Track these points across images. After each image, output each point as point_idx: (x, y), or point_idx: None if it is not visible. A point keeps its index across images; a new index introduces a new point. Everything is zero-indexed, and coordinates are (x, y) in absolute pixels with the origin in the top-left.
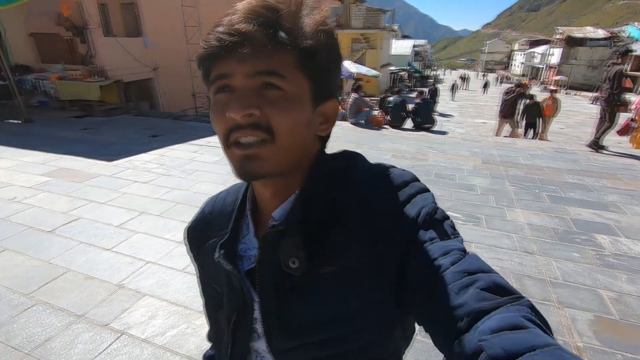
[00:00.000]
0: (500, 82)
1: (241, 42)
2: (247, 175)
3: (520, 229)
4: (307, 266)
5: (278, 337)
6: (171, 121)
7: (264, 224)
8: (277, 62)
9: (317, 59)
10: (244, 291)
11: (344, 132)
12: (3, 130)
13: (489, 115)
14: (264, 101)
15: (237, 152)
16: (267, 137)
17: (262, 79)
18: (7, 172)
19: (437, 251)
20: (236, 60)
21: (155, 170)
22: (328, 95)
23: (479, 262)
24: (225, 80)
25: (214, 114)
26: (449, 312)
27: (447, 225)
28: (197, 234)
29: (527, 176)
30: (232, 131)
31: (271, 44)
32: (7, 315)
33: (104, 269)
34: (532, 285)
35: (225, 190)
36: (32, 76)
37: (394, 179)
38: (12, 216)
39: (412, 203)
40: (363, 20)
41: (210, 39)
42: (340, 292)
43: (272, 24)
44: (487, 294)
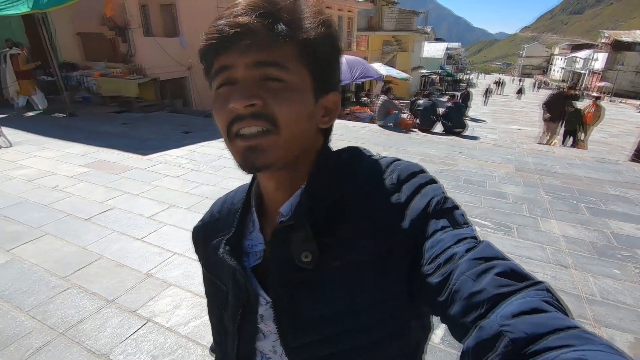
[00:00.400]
0: (538, 88)
1: (242, 33)
2: (250, 166)
3: (555, 240)
4: (318, 260)
5: (291, 333)
6: (203, 118)
7: (270, 219)
8: (278, 54)
9: (318, 51)
10: (248, 288)
11: (372, 134)
12: (50, 123)
13: (524, 121)
14: (266, 92)
15: (240, 144)
16: (270, 127)
17: (264, 70)
18: (52, 162)
19: (450, 239)
20: (237, 51)
21: (185, 165)
22: (329, 87)
23: (494, 250)
24: (227, 73)
25: (215, 106)
26: (467, 299)
27: (457, 214)
28: (203, 233)
29: (564, 186)
30: (233, 122)
31: (271, 35)
32: (45, 295)
33: (134, 257)
34: (567, 302)
35: (234, 190)
36: (77, 73)
37: (401, 171)
38: (54, 203)
39: (422, 193)
40: (395, 23)
41: (212, 31)
42: (350, 285)
43: (272, 16)
44: (505, 280)
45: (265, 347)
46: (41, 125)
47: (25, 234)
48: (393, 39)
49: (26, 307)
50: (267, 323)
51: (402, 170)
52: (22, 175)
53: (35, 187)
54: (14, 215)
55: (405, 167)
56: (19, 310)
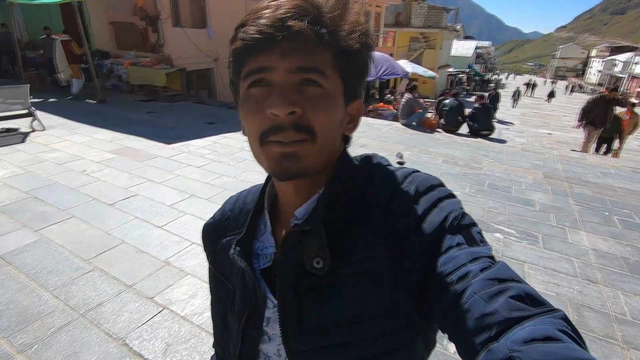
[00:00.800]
0: (571, 91)
1: (286, 36)
2: (285, 174)
3: (584, 253)
4: (330, 267)
5: (295, 338)
6: (226, 110)
7: (283, 222)
8: (318, 60)
9: (354, 60)
10: (256, 290)
11: (394, 133)
12: (82, 108)
13: (555, 126)
14: (304, 98)
15: (275, 150)
16: (308, 137)
17: (303, 75)
18: (81, 147)
19: (465, 257)
20: (279, 55)
21: (207, 155)
22: (356, 95)
23: (510, 271)
24: (263, 74)
25: (247, 108)
26: (477, 320)
27: (475, 232)
28: (213, 230)
29: (596, 196)
30: (270, 132)
31: (315, 41)
32: (68, 277)
33: (154, 244)
34: (594, 319)
35: (247, 189)
36: (109, 61)
37: (419, 183)
38: (81, 187)
39: (440, 207)
40: (424, 19)
41: (251, 30)
42: (360, 294)
43: (317, 20)
44: (519, 303)
45: (269, 349)
46: (73, 110)
47: (53, 215)
48: (421, 35)
49: (50, 286)
50: (273, 326)
51: (420, 182)
52: (53, 158)
53: (65, 170)
54: (44, 197)
55: (424, 180)
56: (44, 289)
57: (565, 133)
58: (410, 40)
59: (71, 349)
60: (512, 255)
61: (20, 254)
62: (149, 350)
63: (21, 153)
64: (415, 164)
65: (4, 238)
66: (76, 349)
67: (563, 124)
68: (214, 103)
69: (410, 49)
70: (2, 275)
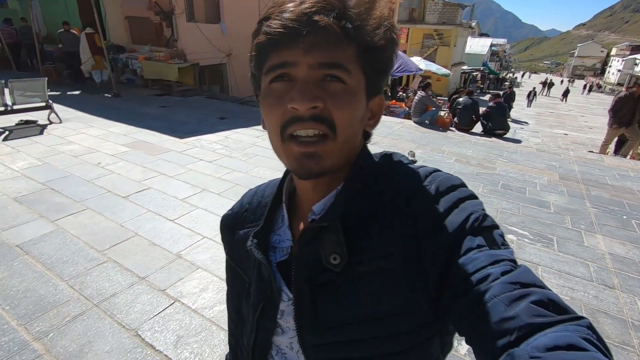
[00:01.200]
0: (589, 91)
1: (311, 31)
2: (307, 173)
3: (600, 257)
4: (346, 263)
5: (309, 331)
6: (238, 105)
7: (301, 216)
8: (342, 55)
9: (378, 55)
10: (272, 282)
11: (407, 131)
12: (97, 102)
13: (572, 126)
14: (327, 94)
15: (295, 149)
16: (328, 132)
17: (326, 71)
18: (96, 140)
19: (485, 259)
20: (303, 50)
21: (219, 150)
22: (378, 91)
23: (532, 276)
24: (286, 69)
25: (268, 102)
26: (497, 324)
27: (496, 234)
28: (231, 222)
29: (614, 199)
30: (290, 124)
31: (340, 36)
32: (83, 267)
33: (166, 238)
34: (609, 325)
35: (265, 183)
36: (124, 55)
37: (440, 182)
38: (96, 179)
39: (460, 208)
40: (438, 16)
41: (275, 25)
42: (375, 292)
43: (343, 15)
44: (541, 309)
45: (282, 342)
46: (89, 103)
47: (69, 207)
48: (435, 32)
49: (66, 276)
50: (286, 319)
51: (441, 182)
52: (69, 150)
53: (81, 162)
54: (60, 188)
55: (445, 179)
56: (60, 279)
57: (582, 134)
58: (423, 37)
59: (85, 337)
60: (526, 257)
61: (37, 243)
62: (161, 342)
63: (39, 145)
64: (427, 162)
65: (22, 228)
66: (90, 338)
67: (580, 124)
68: (226, 98)
69: (424, 46)
70: (20, 264)
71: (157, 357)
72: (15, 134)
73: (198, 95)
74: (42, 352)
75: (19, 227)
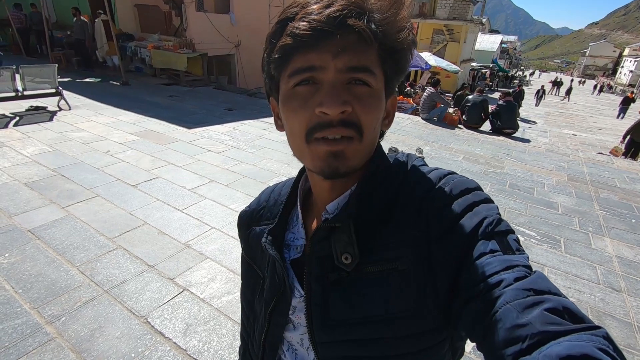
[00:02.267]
0: (600, 91)
1: (342, 35)
2: (333, 173)
3: (608, 260)
4: (358, 263)
5: (320, 329)
6: (246, 97)
7: (315, 214)
8: (368, 58)
9: (399, 57)
10: (285, 279)
11: (414, 127)
12: (106, 90)
13: (581, 126)
14: (354, 97)
15: (323, 148)
16: (356, 135)
17: (354, 74)
18: (105, 128)
19: (498, 264)
20: (331, 54)
21: (227, 142)
22: (393, 91)
23: (547, 283)
24: (312, 73)
25: (292, 106)
26: (508, 330)
27: (511, 239)
28: (248, 219)
29: (623, 202)
30: (318, 129)
31: (366, 39)
32: (94, 254)
33: (174, 227)
34: (615, 328)
35: (282, 182)
36: (133, 43)
37: (454, 185)
38: (105, 167)
39: (474, 212)
40: (449, 11)
41: (303, 27)
42: (385, 293)
43: (372, 19)
44: (555, 317)
45: (293, 338)
46: (97, 91)
47: (79, 194)
48: (445, 28)
49: (77, 262)
50: (298, 315)
51: (456, 185)
52: (79, 137)
53: (90, 150)
54: (70, 175)
55: (459, 182)
56: (71, 265)
57: (591, 134)
58: (433, 33)
59: (96, 323)
60: (533, 258)
61: (49, 229)
62: (170, 330)
63: (49, 131)
64: (434, 159)
65: (34, 213)
66: (101, 323)
67: (589, 124)
68: (234, 89)
69: (433, 42)
70: (32, 249)
71: (167, 345)
72: (25, 120)
73: (206, 85)
74: (55, 335)
75: (30, 212)
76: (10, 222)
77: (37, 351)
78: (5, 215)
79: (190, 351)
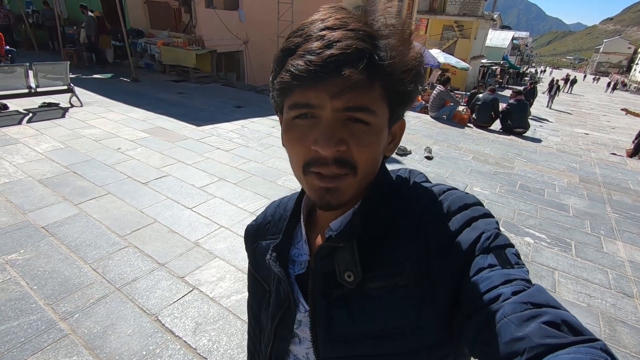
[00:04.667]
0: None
1: (338, 76)
2: (326, 206)
3: (620, 265)
4: (361, 280)
5: (324, 344)
6: (254, 94)
7: (319, 231)
8: (368, 97)
9: (404, 91)
10: (290, 295)
11: (423, 126)
12: (116, 86)
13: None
14: (350, 134)
15: (316, 183)
16: (350, 172)
17: (351, 113)
18: (116, 125)
19: (497, 279)
20: (328, 93)
21: (236, 140)
22: (400, 116)
23: (546, 296)
24: (310, 110)
25: (291, 137)
26: (507, 344)
27: (509, 253)
28: (255, 232)
29: (636, 205)
30: (313, 163)
31: (368, 83)
32: (105, 251)
33: (184, 225)
34: (627, 334)
35: (288, 196)
36: (143, 40)
37: (453, 201)
38: (116, 165)
39: (472, 227)
40: (459, 7)
41: (301, 67)
42: (387, 309)
43: (372, 61)
44: (553, 330)
45: (299, 352)
46: (108, 88)
47: (91, 191)
48: (455, 24)
49: (89, 259)
50: (303, 329)
51: (454, 201)
52: (90, 134)
53: (101, 147)
54: (82, 172)
55: (458, 198)
56: (83, 262)
57: (604, 134)
58: (443, 29)
59: (109, 320)
60: (542, 261)
61: (62, 226)
62: (180, 328)
63: (61, 128)
64: (443, 159)
65: (48, 210)
66: (113, 320)
67: (602, 123)
68: (243, 86)
69: (443, 38)
70: (46, 246)
71: (177, 343)
72: (38, 117)
73: (215, 82)
74: (68, 331)
75: (44, 209)
76: (25, 218)
77: (52, 347)
78: (20, 212)
79: (200, 350)
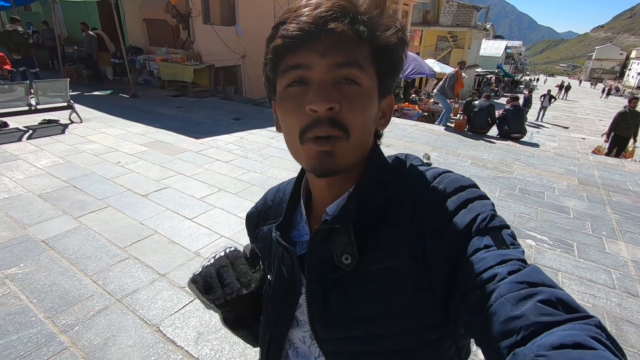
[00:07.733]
0: (608, 94)
1: (327, 35)
2: (324, 170)
3: (623, 265)
4: (357, 262)
5: (320, 326)
6: (252, 106)
7: (316, 214)
8: (357, 55)
9: (391, 55)
10: (294, 274)
11: (420, 134)
12: (116, 102)
13: (589, 130)
14: (342, 96)
15: (314, 148)
16: (342, 134)
17: (343, 71)
18: (116, 140)
19: (492, 259)
20: (319, 53)
21: (235, 151)
22: (389, 91)
23: (541, 275)
24: (301, 72)
25: (286, 106)
26: (503, 323)
27: (505, 234)
28: (256, 218)
29: (636, 205)
30: (309, 128)
31: (354, 39)
32: (105, 263)
33: (184, 236)
34: (634, 333)
35: (287, 181)
36: (142, 57)
37: (449, 183)
38: (116, 178)
39: (469, 208)
40: (452, 18)
41: (292, 28)
42: (383, 291)
43: (356, 19)
44: (548, 308)
45: (296, 335)
46: (107, 104)
47: (91, 204)
48: (449, 35)
49: (89, 271)
50: (303, 310)
51: (450, 183)
52: (90, 149)
53: (101, 161)
54: (82, 186)
55: (454, 180)
56: (84, 274)
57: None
58: (437, 40)
59: (109, 331)
60: (545, 263)
61: (62, 239)
62: (182, 338)
63: (61, 144)
64: (442, 165)
65: (48, 224)
66: (114, 332)
67: (598, 128)
68: (241, 99)
69: (438, 49)
70: (46, 259)
71: (179, 353)
72: (38, 133)
73: (213, 96)
74: (69, 344)
75: (44, 223)
76: (24, 232)
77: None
78: (20, 226)
79: (202, 359)
